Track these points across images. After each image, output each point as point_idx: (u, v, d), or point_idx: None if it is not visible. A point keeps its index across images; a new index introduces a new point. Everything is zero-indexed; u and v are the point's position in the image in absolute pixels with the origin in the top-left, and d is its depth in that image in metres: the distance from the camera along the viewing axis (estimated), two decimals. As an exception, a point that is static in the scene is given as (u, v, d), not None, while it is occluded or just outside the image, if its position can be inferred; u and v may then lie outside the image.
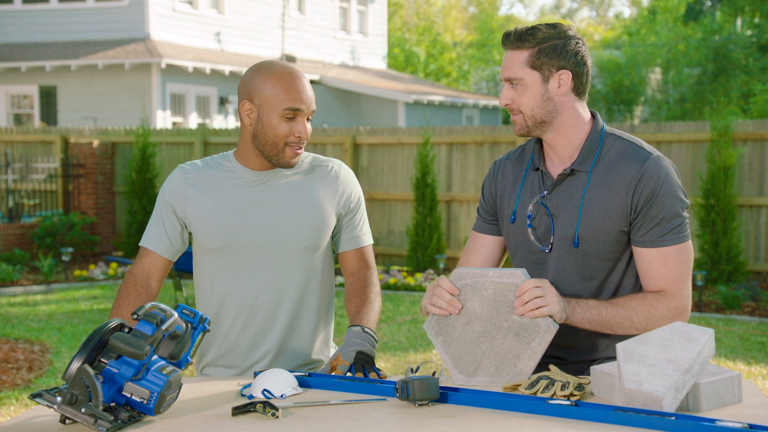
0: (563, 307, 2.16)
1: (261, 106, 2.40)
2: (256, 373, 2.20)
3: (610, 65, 25.04)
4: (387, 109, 19.82)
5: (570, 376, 2.05)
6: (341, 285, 8.66)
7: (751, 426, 1.75)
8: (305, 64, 19.95)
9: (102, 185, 12.17)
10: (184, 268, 7.68)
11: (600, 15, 46.58)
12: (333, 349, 2.64)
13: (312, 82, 18.31)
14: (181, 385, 1.93)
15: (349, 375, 2.24)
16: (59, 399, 1.82)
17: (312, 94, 2.44)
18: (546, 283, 2.15)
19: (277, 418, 1.91)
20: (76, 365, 1.83)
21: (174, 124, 16.72)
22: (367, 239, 2.61)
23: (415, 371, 2.22)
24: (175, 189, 2.49)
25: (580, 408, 1.88)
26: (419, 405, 1.98)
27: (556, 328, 2.14)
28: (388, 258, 10.90)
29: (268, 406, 1.91)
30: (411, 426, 1.87)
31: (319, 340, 2.57)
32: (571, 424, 1.84)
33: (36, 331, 7.38)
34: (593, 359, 2.36)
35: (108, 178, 12.24)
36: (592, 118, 2.37)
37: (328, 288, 2.58)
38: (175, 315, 1.93)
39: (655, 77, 26.12)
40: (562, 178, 2.32)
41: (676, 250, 2.25)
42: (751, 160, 9.12)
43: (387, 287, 9.53)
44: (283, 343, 2.50)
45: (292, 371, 2.22)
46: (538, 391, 2.01)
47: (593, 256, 2.30)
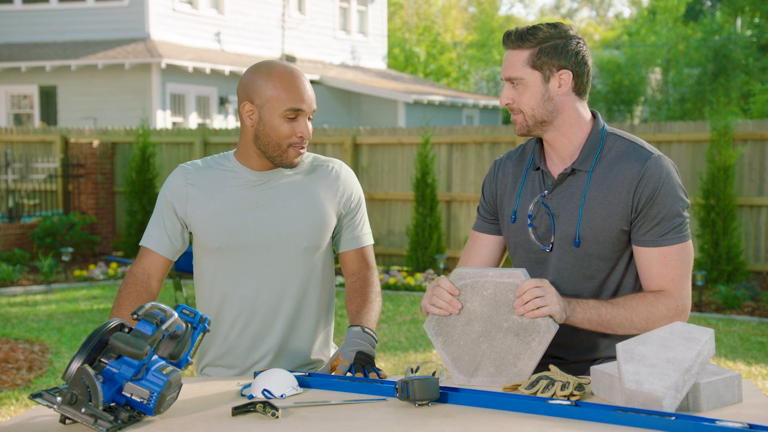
0: (563, 307, 2.16)
1: (262, 107, 2.40)
2: (256, 373, 2.20)
3: (610, 65, 25.04)
4: (387, 109, 19.82)
5: (570, 376, 2.05)
6: (341, 285, 8.66)
7: (751, 426, 1.75)
8: (305, 64, 19.95)
9: (102, 185, 12.17)
10: (184, 268, 7.68)
11: (600, 15, 46.59)
12: (333, 349, 2.64)
13: (312, 82, 18.31)
14: (181, 385, 1.93)
15: (349, 375, 2.24)
16: (59, 399, 1.82)
17: (312, 94, 2.44)
18: (546, 283, 2.14)
19: (277, 418, 1.91)
20: (76, 365, 1.83)
21: (174, 124, 16.72)
22: (368, 239, 2.61)
23: (415, 371, 2.22)
24: (176, 189, 2.49)
25: (580, 408, 1.88)
26: (419, 405, 1.98)
27: (556, 328, 2.14)
28: (388, 258, 10.90)
29: (268, 406, 1.91)
30: (411, 426, 1.87)
31: (319, 340, 2.57)
32: (571, 424, 1.84)
33: (36, 331, 7.38)
34: (593, 359, 2.36)
35: (108, 178, 12.24)
36: (593, 117, 2.37)
37: (328, 288, 2.58)
38: (175, 315, 1.93)
39: (655, 77, 26.12)
40: (562, 177, 2.32)
41: (676, 249, 2.26)
42: (751, 160, 9.12)
43: (387, 287, 9.53)
44: (283, 343, 2.50)
45: (292, 371, 2.22)
46: (538, 391, 2.01)
47: (594, 255, 2.30)
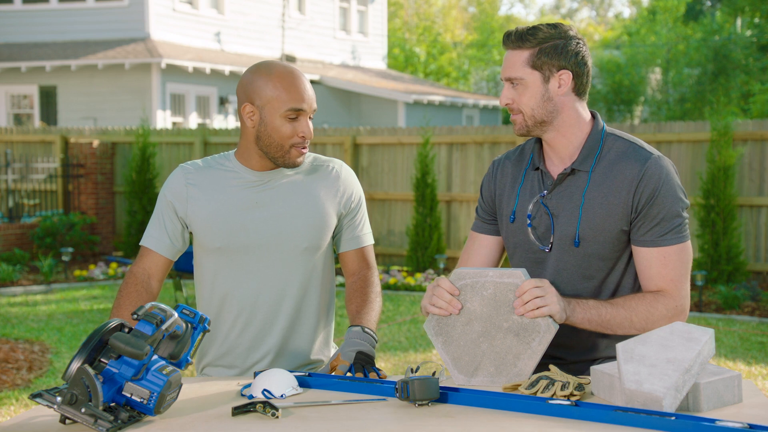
0: (563, 307, 2.16)
1: (263, 108, 2.40)
2: (256, 373, 2.20)
3: (610, 65, 25.05)
4: (387, 109, 19.82)
5: (570, 376, 2.05)
6: (342, 285, 8.66)
7: (751, 426, 1.75)
8: (305, 64, 19.95)
9: (102, 185, 12.17)
10: (184, 268, 7.68)
11: (600, 15, 46.59)
12: (333, 349, 2.64)
13: (312, 82, 18.31)
14: (181, 385, 1.93)
15: (349, 375, 2.24)
16: (59, 399, 1.82)
17: (312, 93, 2.44)
18: (546, 283, 2.15)
19: (277, 418, 1.91)
20: (76, 365, 1.83)
21: (174, 124, 16.72)
22: (368, 239, 2.61)
23: (415, 371, 2.22)
24: (177, 188, 2.49)
25: (580, 408, 1.88)
26: (419, 405, 1.98)
27: (556, 328, 2.14)
28: (388, 258, 10.90)
29: (268, 406, 1.91)
30: (411, 426, 1.87)
31: (320, 340, 2.57)
32: (571, 424, 1.84)
33: (36, 331, 7.39)
34: (592, 359, 2.37)
35: (108, 178, 12.24)
36: (593, 118, 2.37)
37: (328, 288, 2.58)
38: (175, 315, 1.93)
39: (655, 77, 26.13)
40: (562, 177, 2.32)
41: (675, 250, 2.26)
42: (751, 160, 9.13)
43: (387, 287, 9.53)
44: (283, 343, 2.50)
45: (292, 371, 2.22)
46: (538, 391, 2.01)
47: (593, 255, 2.30)
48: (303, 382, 2.18)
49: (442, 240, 10.25)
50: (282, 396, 2.09)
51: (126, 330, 1.91)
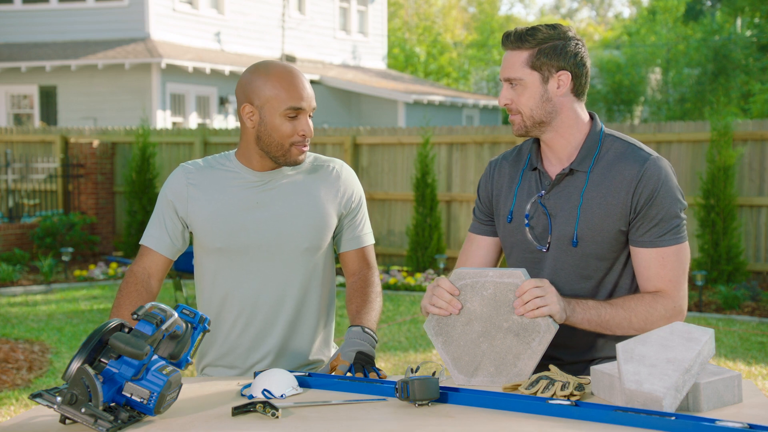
0: (563, 307, 2.16)
1: (262, 108, 2.40)
2: (256, 373, 2.20)
3: (610, 65, 25.04)
4: (387, 109, 19.82)
5: (570, 376, 2.05)
6: (342, 285, 8.66)
7: (751, 426, 1.75)
8: (305, 64, 19.95)
9: (102, 185, 12.17)
10: (184, 268, 7.68)
11: (600, 15, 46.59)
12: (333, 349, 2.64)
13: (312, 82, 18.32)
14: (181, 385, 1.93)
15: (349, 375, 2.24)
16: (59, 399, 1.82)
17: (311, 91, 2.44)
18: (546, 283, 2.15)
19: (277, 418, 1.91)
20: (76, 365, 1.83)
21: (174, 124, 16.72)
22: (369, 239, 2.61)
23: (415, 371, 2.22)
24: (177, 188, 2.49)
25: (580, 408, 1.88)
26: (419, 405, 1.98)
27: (556, 328, 2.14)
28: (388, 258, 10.90)
29: (268, 406, 1.92)
30: (411, 426, 1.87)
31: (320, 340, 2.57)
32: (571, 424, 1.84)
33: (36, 331, 7.39)
34: (591, 359, 2.37)
35: (108, 178, 12.24)
36: (591, 119, 2.37)
37: (329, 288, 2.58)
38: (175, 315, 1.93)
39: (655, 77, 26.12)
40: (560, 177, 2.33)
41: (674, 250, 2.26)
42: (751, 160, 9.12)
43: (387, 287, 9.53)
44: (284, 344, 2.50)
45: (292, 371, 2.22)
46: (538, 391, 2.01)
47: (591, 255, 2.31)
48: (303, 382, 2.18)
49: (442, 240, 10.25)
50: (282, 396, 2.09)
51: (126, 330, 1.91)
